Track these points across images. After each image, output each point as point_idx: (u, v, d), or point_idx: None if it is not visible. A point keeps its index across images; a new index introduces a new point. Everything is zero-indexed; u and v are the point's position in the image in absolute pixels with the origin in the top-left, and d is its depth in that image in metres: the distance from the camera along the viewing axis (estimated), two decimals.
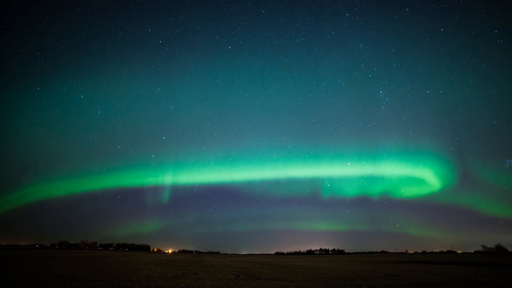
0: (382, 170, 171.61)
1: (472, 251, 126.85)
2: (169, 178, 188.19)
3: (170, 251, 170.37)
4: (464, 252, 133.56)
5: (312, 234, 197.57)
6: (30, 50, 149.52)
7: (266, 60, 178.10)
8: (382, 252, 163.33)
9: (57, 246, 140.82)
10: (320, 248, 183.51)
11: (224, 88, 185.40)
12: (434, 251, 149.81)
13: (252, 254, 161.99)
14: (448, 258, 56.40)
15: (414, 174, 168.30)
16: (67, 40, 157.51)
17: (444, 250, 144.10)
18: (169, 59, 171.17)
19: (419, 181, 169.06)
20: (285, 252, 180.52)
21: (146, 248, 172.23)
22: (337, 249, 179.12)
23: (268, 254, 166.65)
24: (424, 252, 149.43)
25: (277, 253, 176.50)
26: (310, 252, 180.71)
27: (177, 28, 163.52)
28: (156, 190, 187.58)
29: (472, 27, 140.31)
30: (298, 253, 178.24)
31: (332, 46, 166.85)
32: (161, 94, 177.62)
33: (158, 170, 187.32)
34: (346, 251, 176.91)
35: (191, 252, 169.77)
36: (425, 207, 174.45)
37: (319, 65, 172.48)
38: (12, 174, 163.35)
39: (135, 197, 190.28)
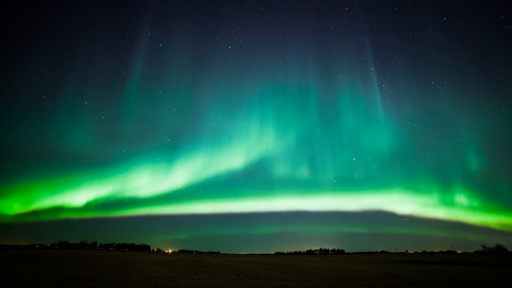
0: (387, 165, 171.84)
1: (472, 251, 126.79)
2: (174, 180, 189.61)
3: (170, 251, 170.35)
4: (464, 252, 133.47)
5: (314, 233, 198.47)
6: (34, 60, 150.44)
7: (267, 58, 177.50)
8: (382, 252, 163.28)
9: (57, 246, 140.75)
10: (320, 248, 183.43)
11: (226, 88, 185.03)
12: (434, 251, 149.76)
13: (252, 254, 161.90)
14: (448, 258, 56.37)
15: (420, 168, 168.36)
16: (69, 48, 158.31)
17: (444, 250, 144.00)
18: (170, 61, 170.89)
19: (426, 174, 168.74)
20: (285, 252, 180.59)
21: (146, 248, 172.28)
22: (337, 249, 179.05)
23: (268, 254, 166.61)
24: (424, 252, 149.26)
25: (277, 253, 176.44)
26: (310, 252, 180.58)
27: (176, 30, 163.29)
28: (161, 191, 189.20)
29: (476, 14, 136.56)
30: (298, 253, 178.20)
31: (332, 41, 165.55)
32: (164, 97, 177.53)
33: (163, 172, 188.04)
34: (346, 251, 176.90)
35: (191, 252, 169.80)
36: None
37: (320, 61, 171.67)
38: (17, 178, 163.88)
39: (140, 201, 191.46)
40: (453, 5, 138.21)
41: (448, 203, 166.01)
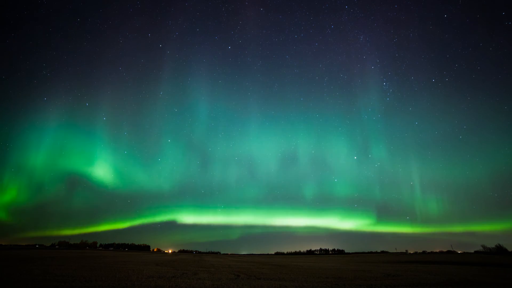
0: (389, 163, 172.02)
1: (472, 251, 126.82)
2: (176, 180, 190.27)
3: (170, 251, 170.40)
4: (464, 252, 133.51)
5: (315, 233, 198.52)
6: (35, 62, 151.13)
7: (267, 58, 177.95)
8: (382, 252, 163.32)
9: (57, 246, 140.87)
10: (320, 248, 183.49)
11: (226, 88, 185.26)
12: (434, 251, 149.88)
13: (252, 254, 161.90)
14: (448, 258, 56.37)
15: (422, 166, 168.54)
16: (70, 50, 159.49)
17: (444, 250, 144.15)
18: (170, 62, 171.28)
19: (428, 172, 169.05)
20: (285, 252, 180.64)
21: (146, 248, 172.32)
22: (337, 249, 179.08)
23: (268, 254, 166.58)
24: (424, 252, 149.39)
25: (277, 253, 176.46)
26: (310, 252, 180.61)
27: (176, 31, 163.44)
28: (164, 191, 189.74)
29: (477, 11, 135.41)
30: (298, 253, 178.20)
31: (332, 40, 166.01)
32: (164, 97, 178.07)
33: (165, 173, 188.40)
34: (346, 251, 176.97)
35: (191, 252, 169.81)
36: (435, 197, 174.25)
37: (321, 60, 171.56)
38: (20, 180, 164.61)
39: (143, 200, 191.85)
40: (454, 2, 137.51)
41: None
